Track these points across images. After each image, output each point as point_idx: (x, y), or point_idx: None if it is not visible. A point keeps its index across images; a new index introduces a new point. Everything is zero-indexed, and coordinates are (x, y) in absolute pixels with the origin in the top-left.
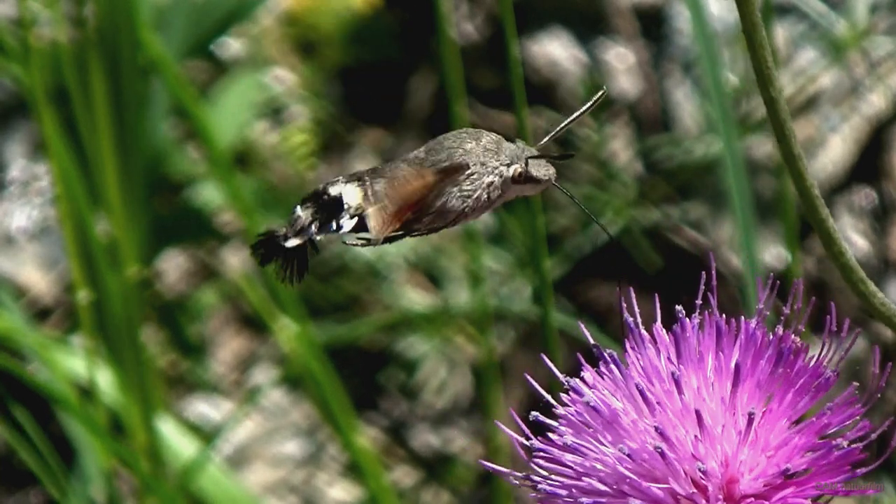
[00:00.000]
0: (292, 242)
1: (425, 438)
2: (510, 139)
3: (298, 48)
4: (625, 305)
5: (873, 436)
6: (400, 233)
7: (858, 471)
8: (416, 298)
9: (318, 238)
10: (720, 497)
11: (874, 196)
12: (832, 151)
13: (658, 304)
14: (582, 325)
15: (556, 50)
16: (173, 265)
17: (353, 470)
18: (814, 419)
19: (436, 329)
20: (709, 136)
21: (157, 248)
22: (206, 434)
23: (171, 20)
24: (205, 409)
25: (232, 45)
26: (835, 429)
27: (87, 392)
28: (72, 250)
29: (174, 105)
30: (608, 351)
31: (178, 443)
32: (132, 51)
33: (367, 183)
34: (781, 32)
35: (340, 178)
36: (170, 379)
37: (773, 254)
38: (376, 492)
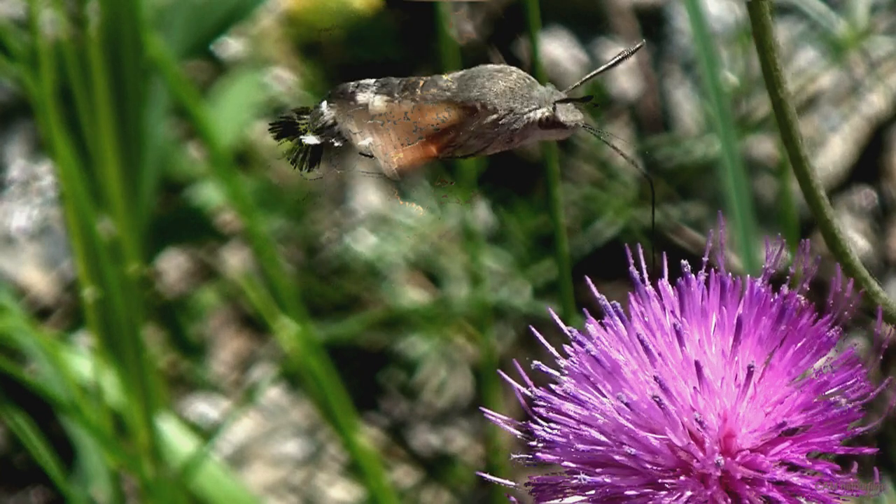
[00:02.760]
0: (310, 140)
1: (425, 438)
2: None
3: (298, 48)
4: (631, 260)
5: (872, 395)
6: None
7: (857, 430)
8: (415, 298)
9: (338, 143)
10: (717, 450)
11: (874, 196)
12: (832, 151)
13: (665, 262)
14: (588, 280)
15: (556, 50)
16: (173, 265)
17: (353, 470)
18: (813, 377)
19: (436, 329)
20: (709, 136)
21: (157, 248)
22: (207, 434)
23: (171, 20)
24: (205, 408)
25: (232, 45)
26: (834, 388)
27: (89, 391)
28: (77, 249)
29: (174, 105)
30: (612, 303)
31: (178, 442)
32: (134, 50)
33: (397, 100)
34: (781, 32)
35: (371, 82)
36: (170, 379)
37: (773, 253)
38: (376, 492)
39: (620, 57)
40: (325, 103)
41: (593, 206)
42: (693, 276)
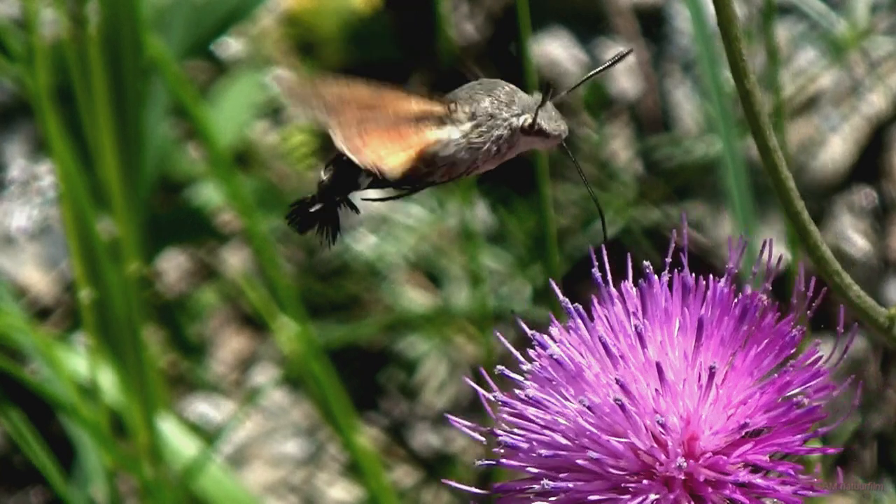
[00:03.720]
0: (315, 207)
1: (425, 438)
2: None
3: (298, 48)
4: (595, 262)
5: (835, 394)
6: (417, 184)
7: (820, 430)
8: (416, 298)
9: (339, 198)
10: (680, 452)
11: (874, 196)
12: (832, 151)
13: (630, 263)
14: (552, 283)
15: (556, 50)
16: (173, 265)
17: (353, 470)
18: (776, 377)
19: (436, 329)
20: (709, 136)
21: (157, 248)
22: (207, 434)
23: (171, 20)
24: (205, 408)
25: (232, 45)
26: (797, 388)
27: (88, 391)
28: (74, 249)
29: (174, 105)
30: (575, 305)
31: (178, 442)
32: (133, 50)
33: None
34: (781, 32)
35: None
36: (170, 379)
37: (774, 253)
38: (376, 492)
39: (608, 64)
40: (322, 171)
41: (593, 206)
42: (656, 277)
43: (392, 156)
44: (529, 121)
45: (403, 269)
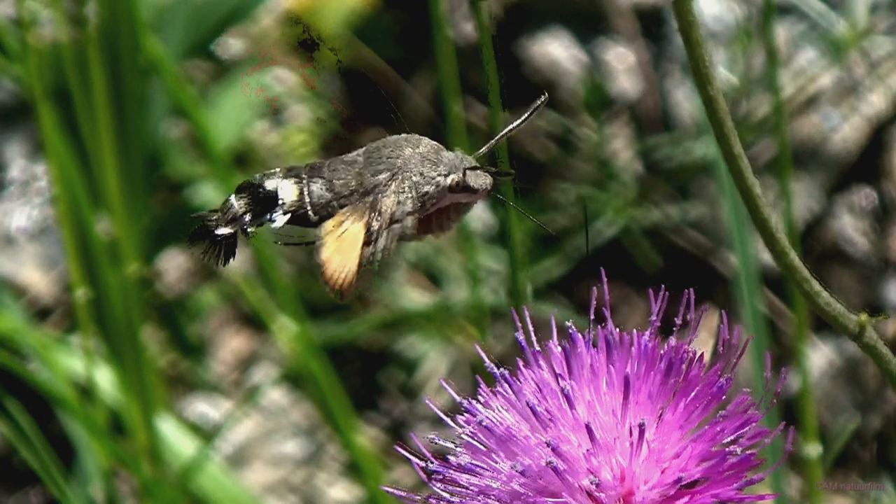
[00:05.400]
0: (222, 231)
1: (425, 438)
2: (448, 147)
3: (298, 48)
4: (519, 325)
5: (767, 441)
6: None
7: (754, 477)
8: (415, 298)
9: (250, 229)
10: None
11: (874, 196)
12: (832, 151)
13: (553, 322)
14: (478, 347)
15: (556, 50)
16: (173, 265)
17: (353, 470)
18: (707, 427)
19: (436, 329)
20: (709, 136)
21: (156, 248)
22: (207, 434)
23: (171, 20)
24: (205, 408)
25: (232, 45)
26: (730, 437)
27: (87, 391)
28: (70, 249)
29: (174, 105)
30: (500, 370)
31: (178, 442)
32: (133, 50)
33: (304, 181)
34: (781, 32)
35: (277, 170)
36: (170, 379)
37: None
38: (376, 492)
39: (526, 117)
40: (233, 196)
41: (593, 206)
42: (580, 335)
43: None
44: (457, 179)
45: (403, 268)
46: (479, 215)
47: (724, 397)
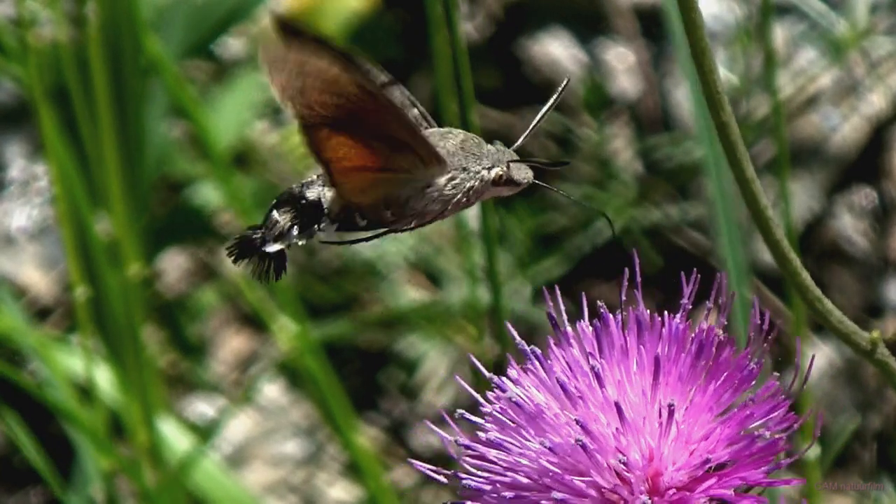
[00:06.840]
0: (273, 247)
1: (425, 438)
2: (489, 140)
3: None
4: (550, 303)
5: (796, 426)
6: (383, 229)
7: (782, 461)
8: (415, 298)
9: (301, 242)
10: (643, 489)
11: (874, 196)
12: (832, 151)
13: (585, 301)
14: (509, 325)
15: (556, 50)
16: (173, 265)
17: (353, 470)
18: (736, 411)
19: (435, 329)
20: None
21: (157, 248)
22: (207, 434)
23: (171, 20)
24: (205, 408)
25: (232, 45)
26: (758, 421)
27: (87, 391)
28: (70, 249)
29: (174, 105)
30: (531, 347)
31: (178, 442)
32: (133, 50)
33: None
34: (782, 32)
35: (315, 178)
36: (170, 379)
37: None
38: (376, 492)
39: (552, 103)
40: (275, 211)
41: (593, 206)
42: (611, 315)
43: (347, 180)
44: (501, 173)
45: (403, 268)
46: (479, 215)
47: (753, 382)
